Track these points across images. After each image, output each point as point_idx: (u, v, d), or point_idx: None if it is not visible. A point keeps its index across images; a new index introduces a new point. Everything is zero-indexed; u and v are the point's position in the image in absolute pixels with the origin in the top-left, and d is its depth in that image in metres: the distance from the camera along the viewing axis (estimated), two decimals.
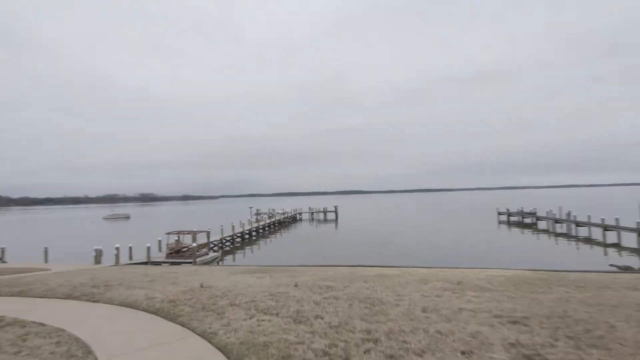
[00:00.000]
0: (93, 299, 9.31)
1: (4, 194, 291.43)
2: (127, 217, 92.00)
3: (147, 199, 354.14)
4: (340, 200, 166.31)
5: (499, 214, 55.34)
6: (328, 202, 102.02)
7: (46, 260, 23.29)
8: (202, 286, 10.25)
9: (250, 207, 75.16)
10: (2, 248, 24.51)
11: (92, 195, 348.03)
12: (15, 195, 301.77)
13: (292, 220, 65.56)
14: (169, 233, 24.16)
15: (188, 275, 13.51)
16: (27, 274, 15.02)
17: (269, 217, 69.93)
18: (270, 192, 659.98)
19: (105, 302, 8.88)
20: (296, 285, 10.05)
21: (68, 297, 9.66)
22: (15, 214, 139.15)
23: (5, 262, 24.09)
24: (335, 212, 69.15)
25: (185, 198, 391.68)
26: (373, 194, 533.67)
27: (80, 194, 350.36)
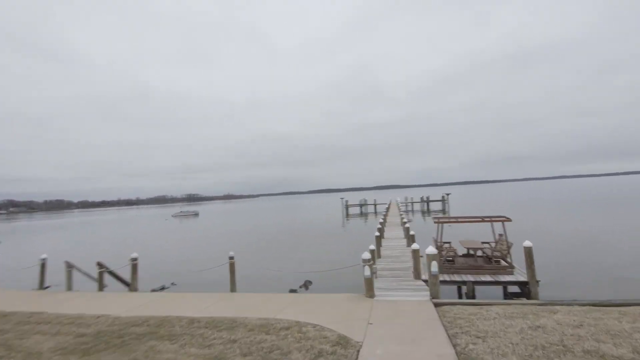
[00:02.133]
0: None
1: (66, 199, 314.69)
2: (196, 214, 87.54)
3: (193, 199, 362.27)
4: (380, 195, 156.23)
5: None
6: (368, 197, 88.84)
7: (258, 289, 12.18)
8: None
9: (342, 198, 66.89)
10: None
11: (143, 197, 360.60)
12: (75, 199, 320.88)
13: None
14: (438, 222, 12.55)
15: None
16: None
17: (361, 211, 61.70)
18: (307, 190, 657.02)
19: None
20: None
21: None
22: (79, 217, 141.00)
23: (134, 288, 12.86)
24: (443, 201, 59.20)
25: (228, 197, 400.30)
26: (412, 188, 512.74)
27: (132, 196, 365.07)
